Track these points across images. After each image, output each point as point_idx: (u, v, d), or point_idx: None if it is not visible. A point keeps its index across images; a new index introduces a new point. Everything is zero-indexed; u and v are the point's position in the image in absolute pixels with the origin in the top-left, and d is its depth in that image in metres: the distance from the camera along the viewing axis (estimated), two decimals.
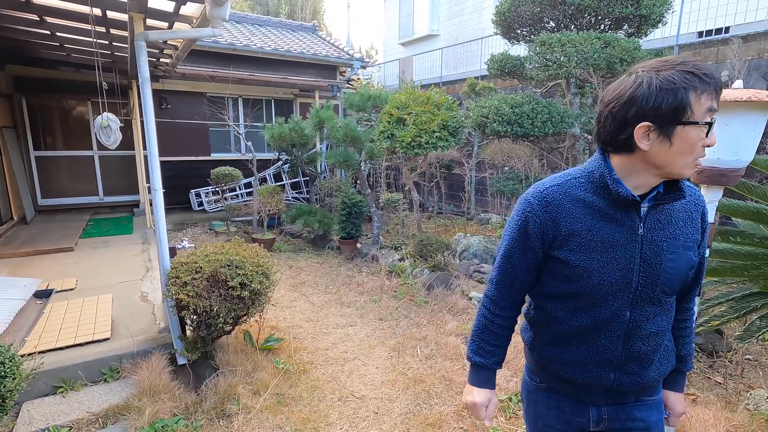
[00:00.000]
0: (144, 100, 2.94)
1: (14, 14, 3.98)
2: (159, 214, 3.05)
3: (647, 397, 1.19)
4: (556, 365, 1.17)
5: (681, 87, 0.91)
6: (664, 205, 1.07)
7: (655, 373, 1.15)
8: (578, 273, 1.06)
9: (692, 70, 0.92)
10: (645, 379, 1.13)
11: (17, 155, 6.75)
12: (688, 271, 1.09)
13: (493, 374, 1.30)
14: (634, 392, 1.16)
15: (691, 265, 1.09)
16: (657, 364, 1.15)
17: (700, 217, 1.12)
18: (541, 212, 1.09)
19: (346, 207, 6.10)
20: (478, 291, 4.52)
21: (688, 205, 1.10)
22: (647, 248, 1.05)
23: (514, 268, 1.18)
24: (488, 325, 1.26)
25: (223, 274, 2.78)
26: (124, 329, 3.26)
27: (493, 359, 1.27)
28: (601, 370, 1.11)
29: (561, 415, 1.21)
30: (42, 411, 2.51)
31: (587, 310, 1.09)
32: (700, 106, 0.92)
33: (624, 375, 1.11)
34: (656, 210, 1.07)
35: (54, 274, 4.36)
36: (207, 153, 8.70)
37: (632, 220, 1.04)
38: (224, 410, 2.63)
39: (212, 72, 7.81)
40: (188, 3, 3.23)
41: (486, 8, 10.53)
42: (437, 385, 2.98)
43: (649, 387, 1.17)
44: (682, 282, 1.10)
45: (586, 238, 1.05)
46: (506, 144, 5.94)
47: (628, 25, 4.90)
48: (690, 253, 1.09)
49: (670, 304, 1.14)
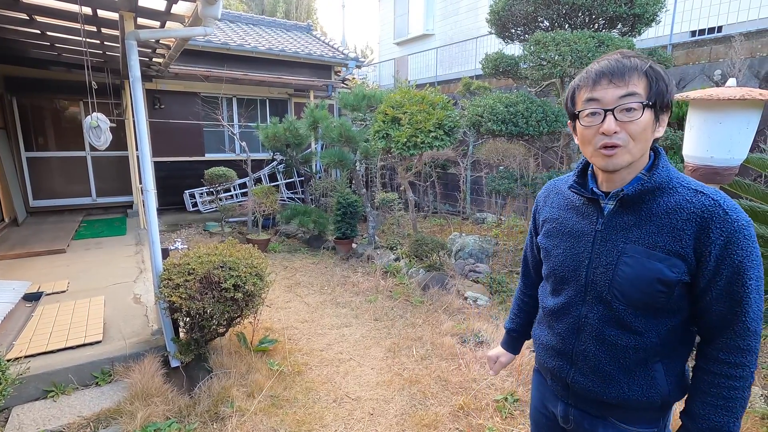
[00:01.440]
0: (135, 100, 2.91)
1: (2, 13, 3.93)
2: (151, 215, 3.02)
3: (620, 422, 1.08)
4: (536, 345, 1.28)
5: (574, 85, 1.04)
6: (642, 205, 0.99)
7: (619, 393, 1.04)
8: (545, 256, 1.20)
9: (588, 67, 1.03)
10: (606, 396, 1.05)
11: (8, 156, 6.67)
12: (652, 285, 0.96)
13: (510, 338, 1.51)
14: (594, 404, 1.10)
15: (658, 279, 0.95)
16: (626, 386, 1.03)
17: (693, 231, 0.93)
18: (539, 201, 1.29)
19: (342, 207, 6.08)
20: (474, 291, 4.51)
21: (678, 212, 0.95)
22: (599, 245, 1.05)
23: (526, 248, 1.43)
24: (515, 297, 1.52)
25: (216, 275, 2.75)
26: (116, 332, 3.23)
27: (510, 325, 1.51)
28: (561, 361, 1.15)
29: (540, 397, 1.30)
30: (32, 416, 2.48)
31: (554, 294, 1.18)
32: (581, 99, 1.02)
33: (579, 375, 1.10)
34: (626, 208, 1.01)
35: (45, 277, 4.31)
36: (201, 153, 8.64)
37: (593, 215, 1.08)
38: (218, 413, 2.60)
39: (206, 72, 7.75)
40: (180, 2, 3.20)
41: (481, 7, 10.54)
42: (433, 386, 2.97)
43: (615, 408, 1.07)
44: (644, 295, 0.97)
45: (554, 225, 1.17)
46: (501, 143, 5.94)
47: (622, 24, 4.90)
48: (656, 264, 0.95)
49: (650, 324, 1.00)
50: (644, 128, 0.95)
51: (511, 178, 5.11)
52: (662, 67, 0.99)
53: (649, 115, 0.96)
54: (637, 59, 0.97)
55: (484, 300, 4.37)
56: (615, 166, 0.99)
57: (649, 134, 0.97)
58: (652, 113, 0.96)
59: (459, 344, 3.50)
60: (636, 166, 1.00)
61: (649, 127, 0.96)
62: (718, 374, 0.96)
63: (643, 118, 0.95)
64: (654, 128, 0.98)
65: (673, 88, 0.97)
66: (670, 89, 0.97)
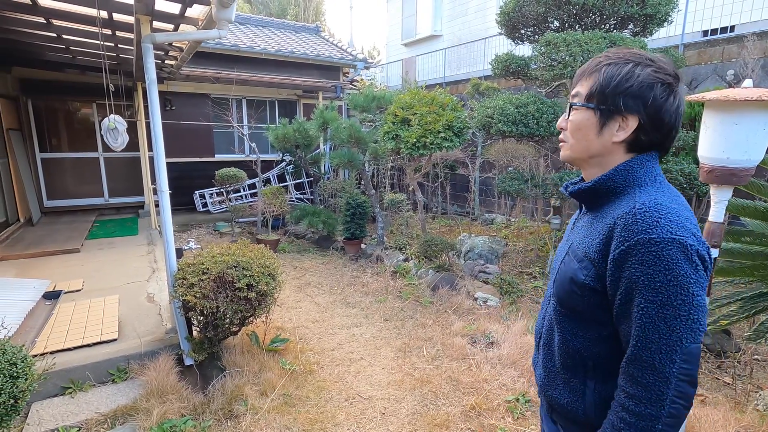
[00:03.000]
0: (151, 101, 2.95)
1: (21, 17, 4.01)
2: (166, 215, 3.06)
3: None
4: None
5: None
6: (598, 207, 0.97)
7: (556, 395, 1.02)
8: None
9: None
10: (574, 408, 0.98)
11: (23, 157, 6.79)
12: (568, 284, 0.95)
13: None
14: (562, 416, 1.04)
15: (571, 279, 0.94)
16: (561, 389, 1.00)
17: (604, 235, 0.88)
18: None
19: (351, 208, 6.10)
20: (484, 292, 4.51)
21: (608, 216, 0.90)
22: (565, 245, 1.07)
23: None
24: None
25: (229, 275, 2.78)
26: (131, 330, 3.28)
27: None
28: (536, 364, 1.15)
29: (542, 407, 1.25)
30: (51, 411, 2.53)
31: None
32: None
33: (548, 383, 1.06)
34: (588, 209, 1.02)
35: (61, 276, 4.38)
36: (211, 154, 8.72)
37: (578, 214, 1.10)
38: (232, 411, 2.64)
39: (216, 73, 7.83)
40: (194, 5, 3.24)
41: (489, 8, 10.52)
42: (444, 386, 2.98)
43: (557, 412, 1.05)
44: (566, 294, 0.96)
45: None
46: (510, 144, 5.93)
47: (633, 24, 4.88)
48: (575, 264, 0.94)
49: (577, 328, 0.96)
50: (578, 127, 0.96)
51: (521, 179, 5.10)
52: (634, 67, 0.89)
53: (586, 115, 0.94)
54: (603, 60, 0.93)
55: (494, 301, 4.37)
56: (561, 158, 1.03)
57: (588, 134, 0.94)
58: (594, 114, 0.92)
59: (470, 345, 3.51)
60: (602, 165, 0.96)
61: (587, 128, 0.94)
62: (616, 401, 0.87)
63: (576, 117, 0.96)
64: (598, 129, 0.93)
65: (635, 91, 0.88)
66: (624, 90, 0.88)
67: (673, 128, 0.91)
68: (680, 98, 0.91)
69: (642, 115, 0.88)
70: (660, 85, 0.88)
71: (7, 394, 1.64)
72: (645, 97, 0.87)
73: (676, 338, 0.79)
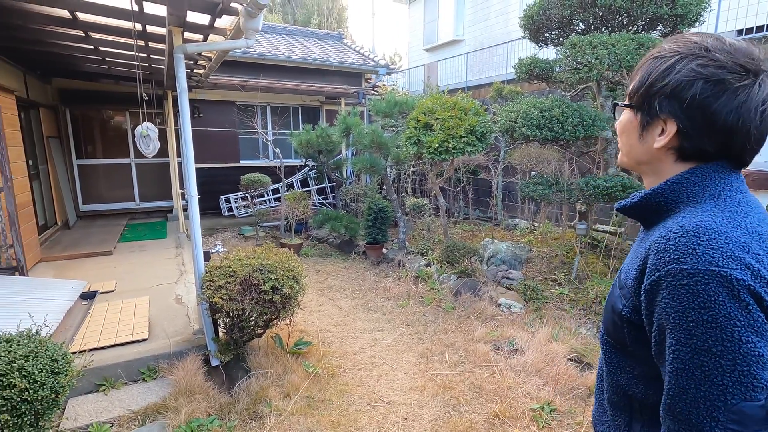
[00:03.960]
0: (181, 109, 3.06)
1: (62, 31, 4.22)
2: (194, 219, 3.16)
3: None
4: None
5: None
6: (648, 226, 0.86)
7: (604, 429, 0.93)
8: None
9: None
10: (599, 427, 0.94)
11: (61, 163, 7.12)
12: (611, 314, 0.85)
13: None
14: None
15: (612, 308, 0.84)
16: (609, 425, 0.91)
17: (640, 262, 0.77)
18: None
19: (372, 212, 6.13)
20: (507, 298, 4.45)
21: (649, 239, 0.78)
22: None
23: None
24: None
25: (255, 278, 2.84)
26: (160, 330, 3.38)
27: None
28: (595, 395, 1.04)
29: None
30: (86, 407, 2.63)
31: None
32: None
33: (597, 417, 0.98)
34: (645, 228, 0.88)
35: (95, 277, 4.56)
36: (237, 160, 8.93)
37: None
38: (256, 412, 2.68)
39: (242, 81, 8.03)
40: (223, 16, 3.35)
41: (512, 12, 10.44)
42: (467, 393, 2.95)
43: None
44: (611, 325, 0.86)
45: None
46: (534, 148, 5.85)
47: (662, 25, 4.76)
48: (617, 291, 0.84)
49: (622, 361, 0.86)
50: (621, 129, 0.88)
51: (546, 183, 5.02)
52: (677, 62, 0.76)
53: (628, 116, 0.85)
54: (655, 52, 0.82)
55: (518, 307, 4.30)
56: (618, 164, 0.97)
57: (630, 138, 0.85)
58: (635, 116, 0.83)
59: (493, 351, 3.46)
60: (657, 173, 0.84)
61: (629, 131, 0.85)
62: None
63: (621, 118, 0.88)
64: (639, 133, 0.83)
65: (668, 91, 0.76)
66: (659, 90, 0.78)
67: (738, 132, 0.73)
68: (753, 95, 0.72)
69: (680, 118, 0.76)
70: (703, 83, 0.73)
71: (48, 389, 1.73)
72: (681, 97, 0.74)
73: (718, 392, 0.65)
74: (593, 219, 5.90)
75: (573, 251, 5.47)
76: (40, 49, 5.04)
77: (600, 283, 4.30)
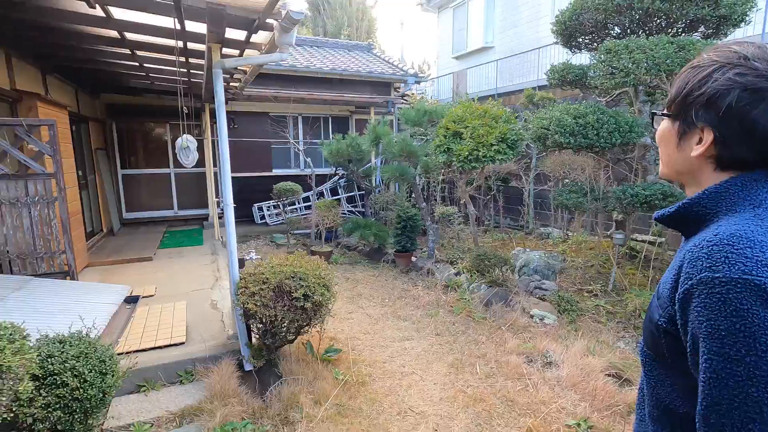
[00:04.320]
0: (219, 121, 3.19)
1: (111, 50, 4.51)
2: (230, 228, 3.26)
3: None
4: None
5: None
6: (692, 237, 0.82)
7: None
8: None
9: None
10: None
11: (107, 173, 7.54)
12: (649, 324, 0.83)
13: None
14: None
15: (650, 318, 0.82)
16: None
17: (675, 271, 0.76)
18: None
19: (401, 220, 6.14)
20: (540, 309, 4.34)
21: (685, 248, 0.78)
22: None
23: None
24: None
25: (287, 285, 2.90)
26: (197, 335, 3.49)
27: None
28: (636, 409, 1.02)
29: None
30: (128, 407, 2.75)
31: None
32: None
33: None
34: (685, 238, 0.86)
35: (137, 282, 4.78)
36: (269, 169, 9.18)
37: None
38: (288, 417, 2.72)
39: (275, 93, 8.27)
40: (259, 32, 3.48)
41: (543, 18, 10.29)
42: (498, 406, 2.89)
43: None
44: (649, 335, 0.84)
45: None
46: (568, 155, 5.71)
47: (704, 26, 4.57)
48: (655, 302, 0.82)
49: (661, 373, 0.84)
50: (660, 138, 0.88)
51: (580, 191, 4.89)
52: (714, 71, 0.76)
53: (666, 124, 0.85)
54: (694, 62, 0.82)
55: (551, 319, 4.18)
56: (659, 174, 0.96)
57: (668, 146, 0.85)
58: (673, 124, 0.84)
59: (525, 364, 3.38)
60: (697, 183, 0.83)
61: (667, 139, 0.85)
62: None
63: (660, 127, 0.88)
64: (677, 141, 0.83)
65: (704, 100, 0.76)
66: (695, 100, 0.78)
67: None
68: None
69: (717, 127, 0.76)
70: (740, 91, 0.73)
71: (97, 389, 1.82)
72: (717, 106, 0.75)
73: (752, 404, 0.63)
74: (631, 228, 5.68)
75: (609, 262, 5.28)
76: (91, 67, 5.39)
77: (639, 295, 4.12)
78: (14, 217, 3.54)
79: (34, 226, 3.63)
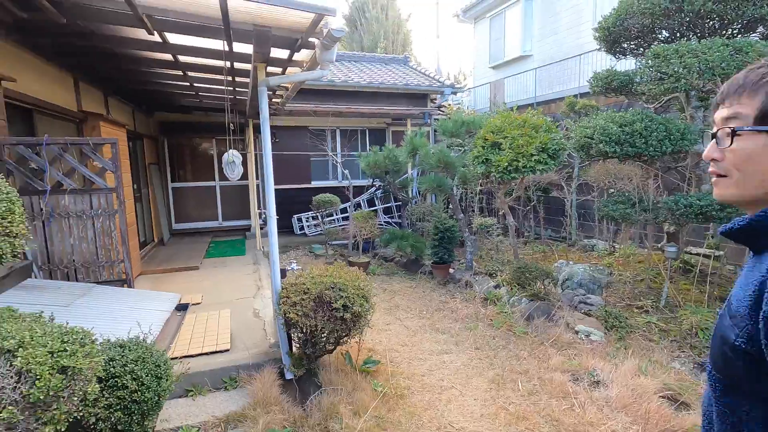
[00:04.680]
0: (263, 137, 3.33)
1: (165, 71, 4.82)
2: (273, 239, 3.37)
3: None
4: None
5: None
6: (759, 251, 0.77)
7: None
8: None
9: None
10: None
11: (159, 187, 8.01)
12: (721, 346, 0.77)
13: None
14: None
15: (723, 339, 0.76)
16: None
17: (756, 288, 0.71)
18: None
19: (439, 232, 6.11)
20: (586, 324, 4.16)
21: (763, 263, 0.73)
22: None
23: None
24: None
25: (327, 295, 2.95)
26: (240, 342, 3.61)
27: None
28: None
29: None
30: (177, 411, 2.87)
31: None
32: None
33: None
34: (755, 253, 0.80)
35: (185, 290, 5.00)
36: (308, 181, 9.42)
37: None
38: (328, 427, 2.74)
39: (314, 107, 8.52)
40: (301, 50, 3.61)
41: (584, 23, 10.03)
42: (543, 425, 2.78)
43: None
44: (721, 359, 0.77)
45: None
46: (613, 165, 5.49)
47: (763, 26, 4.30)
48: (728, 321, 0.76)
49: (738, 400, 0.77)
50: (748, 157, 0.76)
51: (628, 202, 4.68)
52: None
53: (761, 141, 0.75)
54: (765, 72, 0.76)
55: (598, 335, 4.00)
56: (719, 197, 0.83)
57: (765, 165, 0.75)
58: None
59: (571, 382, 3.24)
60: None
61: (762, 157, 0.75)
62: None
63: (745, 145, 0.76)
64: None
65: None
66: None
67: None
68: None
69: None
70: None
71: (153, 392, 1.93)
72: None
73: None
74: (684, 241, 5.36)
75: (661, 276, 5.00)
76: (147, 88, 5.78)
77: (696, 312, 3.86)
78: (80, 229, 3.83)
79: (96, 237, 3.91)
